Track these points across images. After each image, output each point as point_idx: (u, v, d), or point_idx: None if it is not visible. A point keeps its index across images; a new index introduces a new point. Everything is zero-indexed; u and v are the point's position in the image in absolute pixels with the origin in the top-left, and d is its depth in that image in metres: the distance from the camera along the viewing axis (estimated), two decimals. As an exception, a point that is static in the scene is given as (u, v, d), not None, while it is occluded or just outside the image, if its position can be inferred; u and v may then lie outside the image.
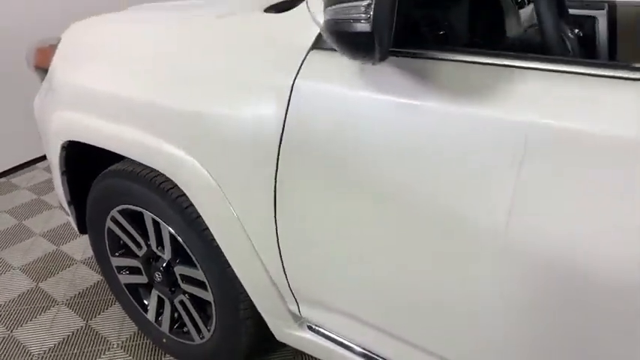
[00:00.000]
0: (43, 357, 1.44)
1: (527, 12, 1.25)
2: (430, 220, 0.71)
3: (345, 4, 0.53)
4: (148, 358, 1.43)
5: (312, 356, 1.41)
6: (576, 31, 1.78)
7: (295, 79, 0.77)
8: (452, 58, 0.67)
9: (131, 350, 1.46)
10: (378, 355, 0.96)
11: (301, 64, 0.77)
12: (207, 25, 0.96)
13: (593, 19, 1.68)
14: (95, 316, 1.60)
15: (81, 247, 1.97)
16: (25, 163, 2.70)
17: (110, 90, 1.07)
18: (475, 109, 0.63)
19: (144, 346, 1.48)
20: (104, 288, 1.72)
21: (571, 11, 1.76)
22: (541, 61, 0.61)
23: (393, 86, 0.69)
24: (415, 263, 0.75)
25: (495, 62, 0.64)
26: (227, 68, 0.87)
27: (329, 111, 0.74)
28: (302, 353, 1.41)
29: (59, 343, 1.49)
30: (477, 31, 0.98)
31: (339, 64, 0.73)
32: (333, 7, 0.55)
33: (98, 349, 1.47)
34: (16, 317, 1.60)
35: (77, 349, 1.47)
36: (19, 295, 1.70)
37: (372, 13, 0.51)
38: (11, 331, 1.54)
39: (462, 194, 0.66)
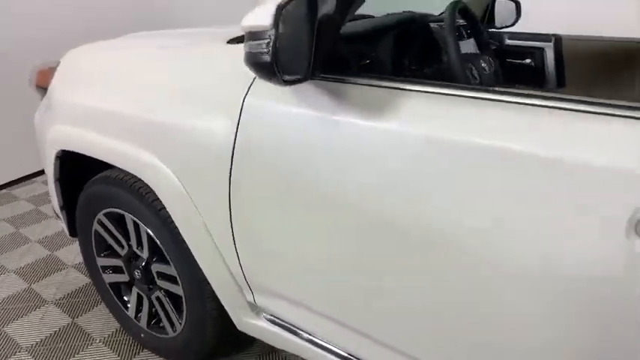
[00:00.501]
0: (30, 350, 1.57)
1: (469, 43, 1.42)
2: (355, 216, 0.85)
3: (255, 42, 0.70)
4: (127, 352, 1.56)
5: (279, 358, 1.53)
6: (527, 60, 1.97)
7: (245, 97, 0.94)
8: (365, 83, 0.83)
9: (112, 345, 1.59)
10: (327, 343, 1.09)
11: (250, 86, 0.94)
12: (180, 53, 1.14)
13: (542, 50, 1.87)
14: (81, 315, 1.73)
15: (73, 253, 2.11)
16: (26, 176, 2.87)
17: (99, 107, 1.24)
18: (380, 123, 0.79)
19: (124, 341, 1.60)
20: (91, 290, 1.86)
21: (522, 43, 1.95)
22: (429, 85, 0.78)
23: (320, 104, 0.85)
24: (347, 256, 0.89)
25: (397, 86, 0.80)
26: (192, 89, 1.04)
27: (269, 124, 0.90)
28: (269, 353, 1.54)
29: (47, 338, 1.62)
30: (410, 60, 1.15)
31: (277, 86, 0.90)
32: (249, 43, 0.72)
33: (82, 344, 1.59)
34: (8, 314, 1.73)
35: (63, 344, 1.60)
36: (12, 295, 1.84)
37: (270, 49, 0.68)
38: (2, 327, 1.67)
39: (375, 191, 0.82)
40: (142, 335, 1.54)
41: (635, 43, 1.75)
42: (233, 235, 1.06)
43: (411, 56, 1.14)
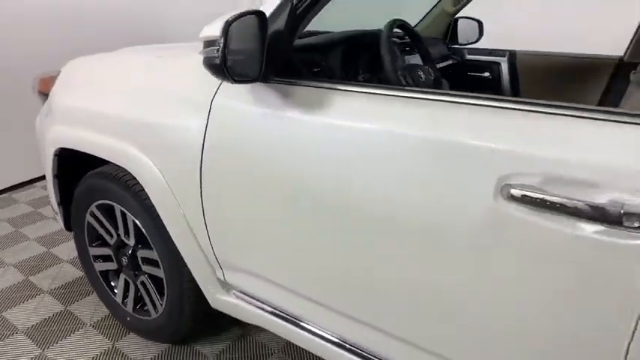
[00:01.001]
0: (26, 332, 1.72)
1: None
2: (306, 199, 1.02)
3: (209, 48, 0.88)
4: (114, 334, 1.70)
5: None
6: (486, 74, 2.16)
7: (212, 99, 1.11)
8: (311, 85, 1.01)
9: (101, 329, 1.74)
10: (291, 315, 1.23)
11: (217, 89, 1.11)
12: (163, 62, 1.32)
13: (498, 64, 2.06)
14: (73, 303, 1.88)
15: (68, 249, 2.26)
16: (27, 181, 3.04)
17: (93, 108, 1.42)
18: (321, 117, 0.97)
19: (112, 326, 1.75)
20: (84, 282, 2.01)
21: (480, 58, 2.14)
22: (362, 87, 0.95)
23: (274, 103, 1.03)
24: (303, 234, 1.05)
25: (337, 87, 0.98)
26: (171, 92, 1.22)
27: (231, 121, 1.08)
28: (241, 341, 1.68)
29: (41, 322, 1.77)
30: (356, 68, 1.33)
31: (239, 87, 1.07)
32: (205, 49, 0.90)
33: (74, 327, 1.74)
34: (7, 302, 1.88)
35: (56, 327, 1.74)
36: (11, 285, 1.99)
37: (219, 54, 0.86)
38: (1, 312, 1.82)
39: (319, 175, 0.98)
40: (128, 319, 1.69)
41: (584, 58, 1.94)
42: (205, 218, 1.23)
43: (358, 65, 1.33)
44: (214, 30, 0.86)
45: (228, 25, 0.84)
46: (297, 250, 1.09)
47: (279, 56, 1.03)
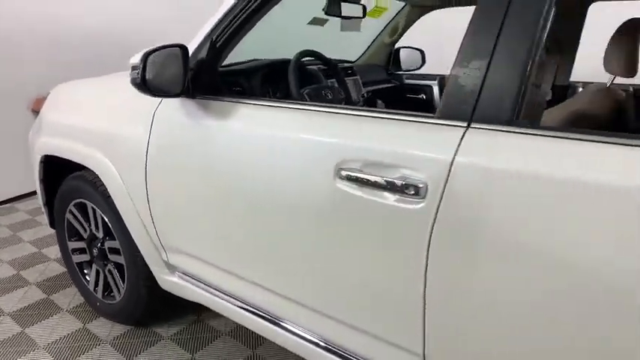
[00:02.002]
0: (12, 315, 1.99)
1: (349, 80, 1.92)
2: (226, 189, 1.29)
3: (134, 71, 1.18)
4: (86, 318, 1.97)
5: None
6: (422, 95, 2.45)
7: (154, 112, 1.42)
8: (230, 100, 1.30)
9: (75, 314, 2.00)
10: (224, 291, 1.48)
11: (158, 104, 1.42)
12: (126, 84, 1.64)
13: (431, 87, 2.36)
14: (54, 293, 2.15)
15: (56, 251, 2.55)
16: (27, 193, 3.37)
17: (71, 122, 1.74)
18: (232, 124, 1.25)
19: (85, 311, 2.01)
20: (66, 276, 2.28)
21: (416, 82, 2.44)
22: (265, 101, 1.24)
23: (198, 114, 1.33)
24: (227, 217, 1.32)
25: (245, 101, 1.27)
26: (127, 108, 1.52)
27: (166, 129, 1.37)
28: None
29: (25, 307, 2.04)
30: (272, 88, 1.64)
31: (174, 102, 1.37)
32: (131, 72, 1.20)
33: (52, 312, 2.01)
34: (-2, 291, 2.17)
35: (37, 311, 2.01)
36: (3, 278, 2.28)
37: (139, 75, 1.16)
38: (-8, 299, 2.10)
39: (235, 172, 1.26)
40: (98, 304, 1.96)
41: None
42: (150, 209, 1.51)
43: (274, 86, 1.63)
44: (137, 58, 1.16)
45: (146, 55, 1.15)
46: (219, 232, 1.36)
47: (204, 78, 1.34)
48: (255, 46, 1.90)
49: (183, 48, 1.24)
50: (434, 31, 2.78)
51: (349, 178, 1.01)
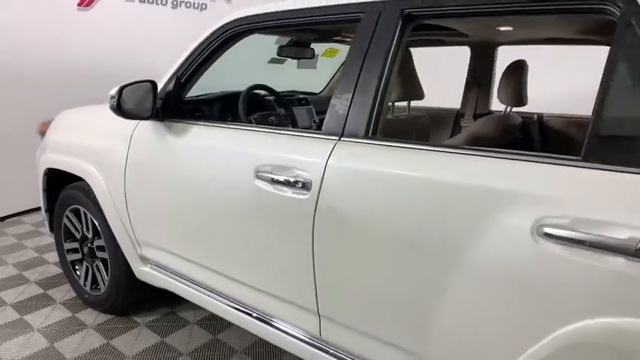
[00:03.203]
0: (13, 305, 2.32)
1: (303, 109, 2.31)
2: (186, 192, 1.65)
3: (112, 100, 1.57)
4: (76, 308, 2.30)
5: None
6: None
7: (133, 132, 1.80)
8: (190, 123, 1.68)
9: (67, 305, 2.34)
10: (189, 278, 1.82)
11: (136, 126, 1.80)
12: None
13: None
14: (51, 289, 2.50)
15: (55, 256, 2.90)
16: (33, 208, 3.75)
17: (69, 141, 2.13)
18: (191, 141, 1.63)
19: (76, 304, 2.35)
20: (62, 276, 2.62)
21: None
22: (216, 123, 1.62)
23: (165, 133, 1.70)
24: (187, 214, 1.67)
25: (201, 123, 1.65)
26: (112, 128, 1.91)
27: (141, 146, 1.75)
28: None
29: (23, 300, 2.38)
30: (229, 113, 2.03)
31: (147, 124, 1.76)
32: (110, 100, 1.59)
33: (48, 304, 2.35)
34: (1, 287, 2.51)
35: (34, 303, 2.35)
36: (6, 277, 2.63)
37: (115, 101, 1.54)
38: (-3, 293, 2.45)
39: (191, 177, 1.62)
40: (86, 296, 2.29)
41: (438, 110, 2.58)
42: (127, 210, 1.87)
43: (230, 112, 2.02)
44: (114, 91, 1.56)
45: (121, 88, 1.54)
46: (177, 227, 1.71)
47: (171, 105, 1.72)
48: (234, 81, 2.31)
49: (153, 83, 1.64)
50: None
51: (263, 178, 1.37)
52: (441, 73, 2.83)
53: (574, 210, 0.89)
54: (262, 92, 2.25)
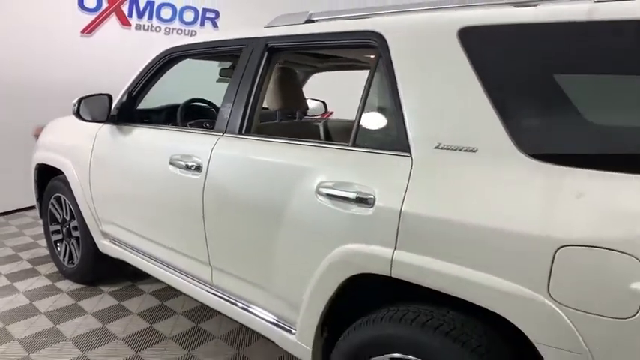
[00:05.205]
0: (7, 276, 2.85)
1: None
2: (129, 178, 2.16)
3: (74, 107, 2.10)
4: (56, 279, 2.81)
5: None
6: (314, 129, 3.29)
7: (97, 132, 2.33)
8: (139, 126, 2.20)
9: (49, 277, 2.85)
10: (135, 249, 2.31)
11: (100, 128, 2.33)
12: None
13: (317, 126, 3.21)
14: (38, 265, 3.02)
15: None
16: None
17: (55, 141, 2.68)
18: (134, 139, 2.14)
19: (56, 275, 2.86)
20: (49, 257, 3.15)
21: (309, 120, 3.29)
22: (158, 127, 2.13)
23: (120, 134, 2.22)
24: (129, 196, 2.18)
25: (146, 127, 2.16)
26: (84, 130, 2.44)
27: (102, 144, 2.28)
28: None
29: (15, 272, 2.91)
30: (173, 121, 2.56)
31: (106, 127, 2.28)
32: (73, 107, 2.12)
33: (33, 275, 2.87)
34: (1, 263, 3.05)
35: (22, 274, 2.87)
36: (4, 256, 3.17)
37: (76, 108, 2.07)
38: (-5, 267, 2.98)
39: (133, 165, 2.13)
40: (64, 269, 2.81)
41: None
42: (91, 194, 2.39)
43: (173, 119, 2.55)
44: (75, 100, 2.10)
45: (80, 100, 2.08)
46: (127, 207, 2.21)
47: (125, 113, 2.25)
48: (192, 95, 2.83)
49: (109, 95, 2.17)
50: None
51: (175, 165, 1.87)
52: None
53: (337, 177, 1.36)
54: (204, 104, 2.78)
